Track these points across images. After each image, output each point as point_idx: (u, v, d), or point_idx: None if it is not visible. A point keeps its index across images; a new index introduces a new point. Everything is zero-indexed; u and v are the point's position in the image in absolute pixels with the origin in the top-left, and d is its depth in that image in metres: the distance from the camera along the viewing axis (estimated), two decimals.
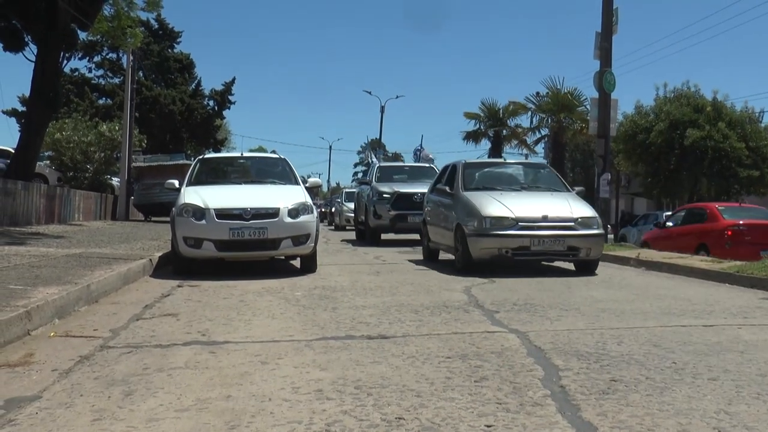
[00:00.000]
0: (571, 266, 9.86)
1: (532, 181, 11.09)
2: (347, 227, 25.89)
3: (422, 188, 14.79)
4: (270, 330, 5.17)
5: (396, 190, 16.05)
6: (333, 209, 34.03)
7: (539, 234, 9.12)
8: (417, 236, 15.14)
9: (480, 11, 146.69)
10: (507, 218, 9.20)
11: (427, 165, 19.97)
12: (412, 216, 15.11)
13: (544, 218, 9.25)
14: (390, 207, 15.77)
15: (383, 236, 17.23)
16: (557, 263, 10.31)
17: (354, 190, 32.43)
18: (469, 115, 36.50)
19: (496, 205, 9.46)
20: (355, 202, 20.14)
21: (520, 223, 9.14)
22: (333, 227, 31.58)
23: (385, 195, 16.05)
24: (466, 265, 9.39)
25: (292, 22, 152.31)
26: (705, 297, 7.11)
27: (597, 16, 16.32)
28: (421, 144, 40.48)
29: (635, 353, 4.31)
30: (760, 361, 4.13)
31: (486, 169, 11.63)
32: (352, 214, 23.88)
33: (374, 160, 23.28)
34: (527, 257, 9.25)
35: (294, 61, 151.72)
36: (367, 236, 16.87)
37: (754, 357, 4.25)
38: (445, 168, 12.22)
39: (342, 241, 18.30)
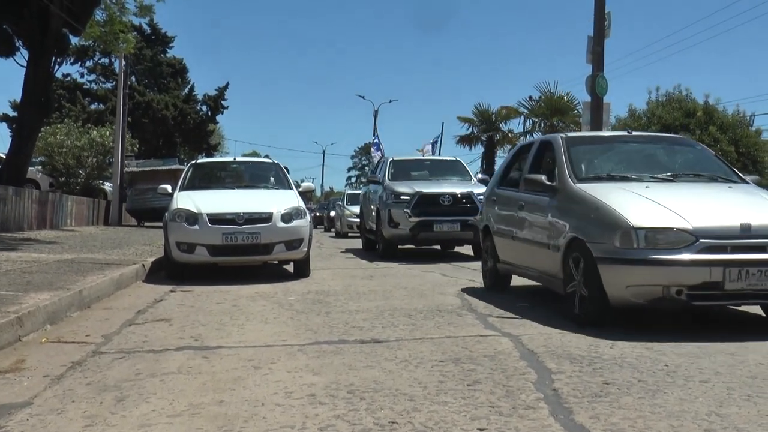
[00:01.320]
0: None
1: (685, 166, 6.94)
2: (350, 234, 23.63)
3: (450, 187, 12.85)
4: (263, 335, 5.17)
5: (417, 190, 12.59)
6: (333, 213, 29.86)
7: (740, 259, 5.04)
8: (438, 247, 14.38)
9: (473, 16, 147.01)
10: (677, 230, 5.12)
11: (452, 158, 16.30)
12: (440, 223, 12.34)
13: (745, 229, 5.18)
14: (410, 212, 12.35)
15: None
16: None
17: (358, 191, 30.43)
18: (463, 120, 36.59)
19: (651, 207, 5.43)
20: (361, 206, 16.40)
21: (701, 240, 5.06)
22: (333, 234, 28.42)
23: (403, 197, 12.59)
24: (598, 314, 5.41)
25: (285, 27, 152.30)
26: None
27: (589, 20, 16.39)
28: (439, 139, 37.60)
29: (627, 356, 4.32)
30: (751, 363, 4.14)
31: (600, 147, 7.35)
32: (356, 220, 21.68)
33: (379, 153, 20.66)
34: (716, 302, 5.33)
35: (287, 66, 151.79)
36: (381, 248, 13.26)
37: (745, 359, 4.26)
38: (525, 147, 8.08)
39: (345, 252, 15.21)
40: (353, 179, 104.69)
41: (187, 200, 9.39)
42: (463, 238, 12.60)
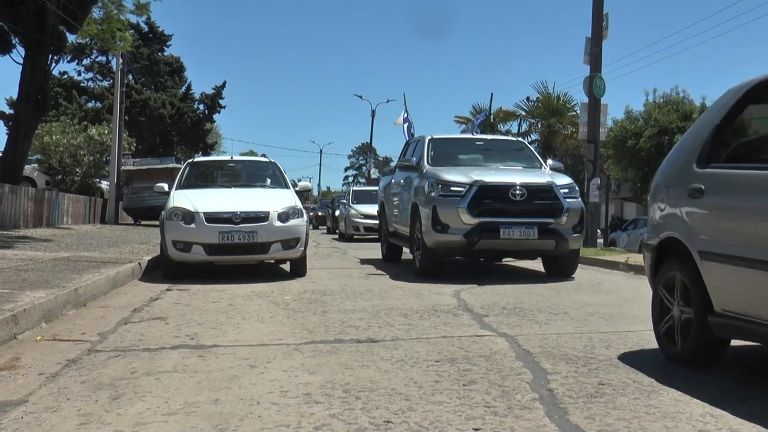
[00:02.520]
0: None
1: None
2: (356, 236, 21.29)
3: (522, 176, 9.27)
4: (259, 334, 5.16)
5: (476, 178, 8.95)
6: (337, 213, 25.60)
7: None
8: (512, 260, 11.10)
9: (471, 18, 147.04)
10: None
11: (513, 138, 13.31)
12: (509, 227, 8.68)
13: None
14: (466, 209, 8.72)
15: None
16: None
17: (368, 188, 27.20)
18: (460, 120, 36.56)
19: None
20: (382, 200, 12.57)
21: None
22: (337, 236, 24.56)
23: (455, 188, 8.95)
24: None
25: (283, 26, 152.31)
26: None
27: (587, 21, 16.40)
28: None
29: (623, 357, 4.32)
30: (747, 364, 4.15)
31: None
32: (364, 220, 20.73)
33: (410, 134, 13.97)
34: None
35: (285, 65, 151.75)
36: (420, 262, 9.34)
37: (742, 360, 4.26)
38: None
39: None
40: (350, 179, 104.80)
41: (183, 199, 9.38)
42: (542, 248, 9.14)
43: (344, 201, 23.59)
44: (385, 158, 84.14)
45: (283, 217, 9.15)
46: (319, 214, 37.31)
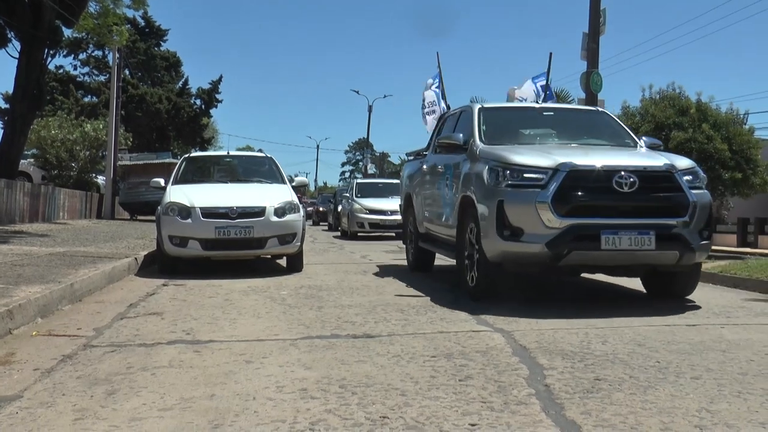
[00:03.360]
0: None
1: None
2: (360, 233, 19.61)
3: (628, 157, 6.72)
4: (255, 329, 5.15)
5: (562, 160, 6.25)
6: (339, 208, 23.39)
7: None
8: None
9: (468, 13, 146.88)
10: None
11: (592, 108, 9.93)
12: (613, 232, 6.03)
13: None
14: (550, 205, 6.04)
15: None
16: None
17: (374, 180, 26.43)
18: None
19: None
20: (407, 192, 9.90)
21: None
22: (339, 233, 22.54)
23: (531, 175, 6.27)
24: None
25: (280, 21, 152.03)
26: (690, 297, 7.14)
27: (585, 17, 16.38)
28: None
29: (619, 352, 4.33)
30: (742, 360, 4.15)
31: None
32: (370, 216, 19.28)
33: (442, 107, 11.60)
34: None
35: (282, 60, 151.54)
36: (479, 281, 6.63)
37: (736, 356, 4.27)
38: None
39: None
40: (347, 174, 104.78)
41: (180, 194, 9.37)
42: (659, 262, 6.37)
43: (347, 195, 21.61)
44: (382, 154, 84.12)
45: (280, 212, 9.14)
46: (320, 209, 35.02)
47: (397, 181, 22.57)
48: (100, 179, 27.16)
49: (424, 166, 9.16)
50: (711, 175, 27.44)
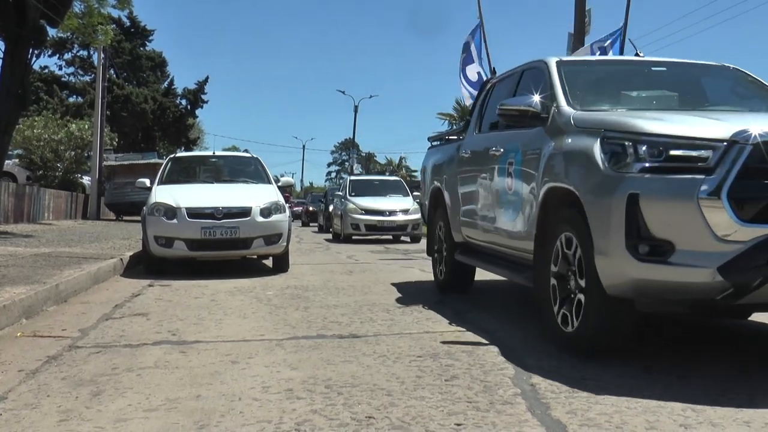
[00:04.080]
0: None
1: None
2: (355, 236, 17.91)
3: None
4: (241, 329, 5.14)
5: (740, 127, 3.68)
6: (331, 208, 21.52)
7: None
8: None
9: (455, 12, 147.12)
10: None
11: (720, 64, 6.02)
12: None
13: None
14: (726, 199, 3.53)
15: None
16: None
17: (369, 176, 25.43)
18: (443, 116, 36.59)
19: None
20: (437, 187, 7.68)
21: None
22: (330, 235, 20.60)
23: (686, 150, 3.76)
24: None
25: (266, 21, 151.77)
26: None
27: (570, 17, 16.46)
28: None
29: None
30: (728, 359, 4.18)
31: None
32: (366, 217, 17.61)
33: (480, 70, 9.97)
34: None
35: (268, 60, 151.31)
36: (590, 323, 4.05)
37: (725, 356, 4.30)
38: None
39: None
40: (333, 174, 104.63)
41: (165, 194, 9.34)
42: None
43: (340, 193, 19.57)
44: (368, 154, 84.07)
45: (266, 212, 9.14)
46: (310, 209, 33.38)
47: (394, 178, 22.61)
48: (86, 180, 26.99)
49: (463, 152, 6.80)
50: None
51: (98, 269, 7.81)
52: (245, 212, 9.01)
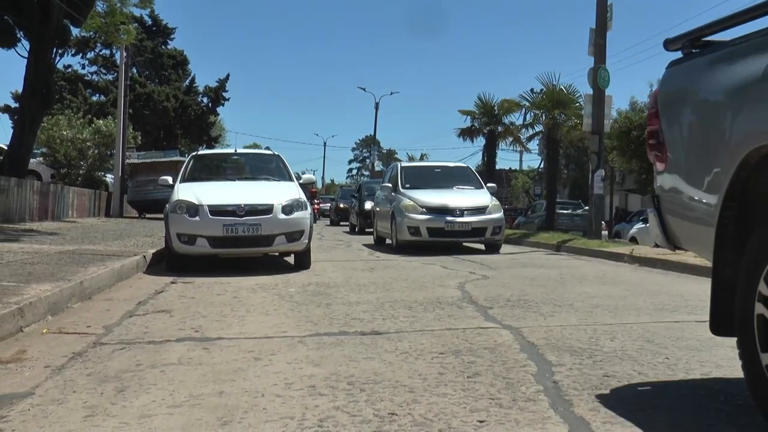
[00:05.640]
0: (565, 262, 9.85)
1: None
2: (414, 243, 13.06)
3: None
4: (263, 326, 5.17)
5: None
6: (368, 206, 19.18)
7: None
8: None
9: (476, 9, 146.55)
10: None
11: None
12: None
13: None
14: None
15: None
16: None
17: (417, 163, 19.88)
18: (464, 112, 36.44)
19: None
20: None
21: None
22: (371, 240, 16.25)
23: None
24: None
25: (286, 18, 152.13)
26: (698, 293, 7.12)
27: (592, 12, 16.34)
28: None
29: (628, 349, 4.32)
30: None
31: None
32: (428, 218, 12.80)
33: None
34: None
35: (288, 57, 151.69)
36: None
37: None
38: None
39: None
40: (354, 171, 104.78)
41: (188, 192, 9.40)
42: None
43: (387, 184, 14.77)
44: (389, 151, 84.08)
45: (287, 209, 9.16)
46: (341, 206, 29.75)
47: (460, 164, 16.13)
48: (109, 177, 27.23)
49: None
50: None
51: (121, 266, 7.88)
52: (267, 209, 9.04)
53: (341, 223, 28.97)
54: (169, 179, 10.40)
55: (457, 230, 12.82)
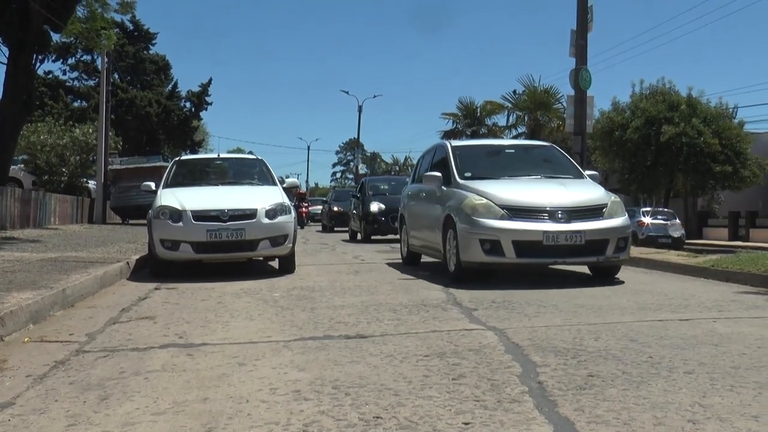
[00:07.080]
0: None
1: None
2: (489, 268, 8.16)
3: None
4: (248, 331, 5.15)
5: None
6: (374, 207, 17.53)
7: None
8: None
9: (457, 11, 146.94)
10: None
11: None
12: None
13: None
14: None
15: None
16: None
17: (474, 141, 14.81)
18: (447, 115, 36.57)
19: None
20: None
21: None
22: (399, 255, 11.43)
23: None
24: None
25: (268, 22, 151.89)
26: (681, 291, 7.18)
27: (573, 13, 16.40)
28: None
29: (612, 348, 4.34)
30: (734, 354, 4.17)
31: None
32: (515, 225, 7.71)
33: None
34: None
35: (271, 61, 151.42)
36: None
37: (728, 349, 4.29)
38: None
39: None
40: (338, 174, 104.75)
41: (171, 197, 9.35)
42: None
43: (434, 174, 9.35)
44: (373, 154, 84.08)
45: (271, 214, 9.13)
46: (336, 209, 25.56)
47: (542, 143, 11.57)
48: (91, 184, 27.04)
49: None
50: (702, 168, 27.64)
51: (105, 273, 7.82)
52: (251, 214, 9.01)
53: (336, 230, 25.02)
54: (152, 185, 10.34)
55: (562, 245, 7.79)
